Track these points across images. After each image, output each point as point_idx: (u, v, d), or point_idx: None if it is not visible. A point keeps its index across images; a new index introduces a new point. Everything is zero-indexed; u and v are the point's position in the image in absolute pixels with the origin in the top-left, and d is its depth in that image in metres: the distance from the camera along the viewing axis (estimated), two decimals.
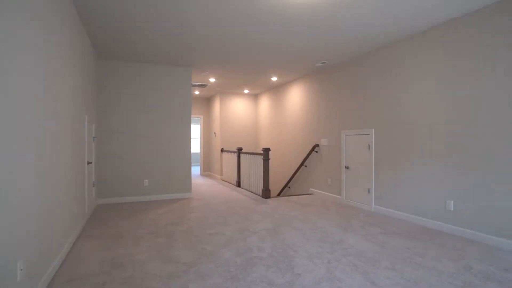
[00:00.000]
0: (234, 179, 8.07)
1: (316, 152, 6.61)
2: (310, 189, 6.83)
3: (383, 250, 3.21)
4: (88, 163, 4.40)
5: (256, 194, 6.57)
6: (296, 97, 7.48)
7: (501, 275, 2.61)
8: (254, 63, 5.95)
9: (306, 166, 6.98)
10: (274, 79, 7.44)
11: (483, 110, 3.48)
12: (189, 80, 6.34)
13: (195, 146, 14.15)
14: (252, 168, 6.94)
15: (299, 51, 5.15)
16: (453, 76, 3.81)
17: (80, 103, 3.84)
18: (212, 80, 7.52)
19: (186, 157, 6.29)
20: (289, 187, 7.72)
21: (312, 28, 4.11)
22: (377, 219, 4.50)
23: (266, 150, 6.20)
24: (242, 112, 9.77)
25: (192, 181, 8.60)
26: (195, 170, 11.97)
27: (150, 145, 5.99)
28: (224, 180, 8.92)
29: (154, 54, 5.34)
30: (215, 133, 9.90)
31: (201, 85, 8.08)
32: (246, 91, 9.32)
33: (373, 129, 5.03)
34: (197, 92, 9.35)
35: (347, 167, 5.64)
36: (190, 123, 6.34)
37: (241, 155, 7.64)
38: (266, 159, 6.17)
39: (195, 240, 3.53)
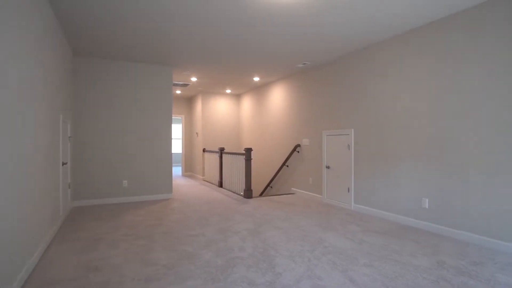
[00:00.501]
0: (216, 179, 8.02)
1: (298, 152, 6.68)
2: (292, 188, 6.89)
3: (361, 247, 3.28)
4: (63, 163, 4.23)
5: (238, 194, 6.55)
6: (278, 97, 7.52)
7: (471, 268, 2.73)
8: (236, 63, 5.93)
9: (288, 166, 7.03)
10: (256, 79, 7.45)
11: (456, 112, 3.63)
12: (170, 79, 6.24)
13: (177, 146, 13.96)
14: (234, 168, 6.92)
15: (281, 51, 5.18)
16: (430, 79, 3.95)
17: (54, 101, 3.69)
18: (194, 79, 7.43)
19: (167, 157, 6.18)
20: (271, 187, 7.76)
21: (293, 29, 4.14)
22: (357, 217, 4.60)
23: (248, 150, 6.19)
24: (224, 112, 9.72)
25: (173, 182, 8.46)
26: (177, 170, 11.80)
27: (130, 145, 5.85)
28: (206, 181, 8.84)
29: (134, 52, 5.21)
30: (197, 133, 9.80)
31: (183, 84, 7.97)
32: (228, 91, 9.28)
33: (352, 130, 5.14)
34: (178, 92, 9.22)
35: (327, 167, 5.73)
36: (171, 123, 6.24)
37: (223, 155, 7.60)
38: (248, 159, 6.17)
39: (175, 242, 3.47)
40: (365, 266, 2.77)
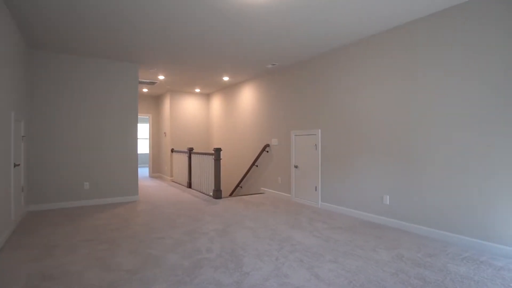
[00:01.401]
0: (185, 180, 7.86)
1: (267, 152, 6.74)
2: (262, 188, 6.93)
3: (327, 244, 3.38)
4: (15, 165, 3.92)
5: (208, 195, 6.48)
6: (248, 97, 7.54)
7: (426, 260, 2.92)
8: (204, 62, 5.85)
9: (257, 165, 7.06)
10: (225, 79, 7.40)
11: (413, 111, 3.86)
12: (136, 77, 6.02)
13: (144, 147, 13.50)
14: (204, 168, 6.82)
15: (250, 52, 5.19)
16: (389, 81, 4.16)
17: (2, 97, 3.40)
18: (161, 77, 7.23)
19: (132, 158, 5.95)
20: (241, 187, 7.75)
21: (262, 30, 4.17)
22: (323, 215, 4.73)
23: (217, 150, 6.14)
24: (194, 111, 9.56)
25: (140, 184, 8.17)
26: (144, 171, 11.40)
27: (91, 145, 5.54)
28: (174, 182, 8.64)
29: (97, 47, 4.95)
30: (165, 133, 9.54)
31: (150, 82, 7.72)
32: (197, 90, 9.14)
33: (319, 130, 5.28)
34: (145, 90, 8.92)
35: (296, 166, 5.84)
36: (136, 122, 6.01)
37: (192, 156, 7.47)
38: (217, 159, 6.11)
39: (140, 245, 3.35)
40: (330, 262, 2.86)
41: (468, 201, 3.31)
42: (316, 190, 5.34)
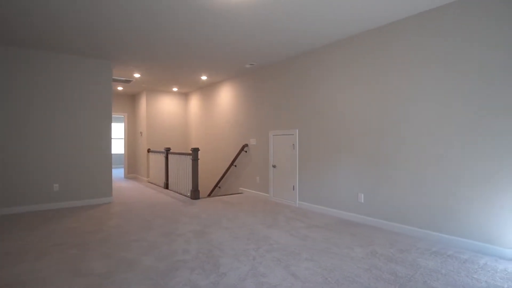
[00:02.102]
0: (161, 181, 7.69)
1: (246, 151, 6.73)
2: (240, 188, 6.92)
3: (304, 243, 3.42)
4: None
5: (185, 196, 6.38)
6: (227, 97, 7.50)
7: (398, 255, 3.03)
8: (182, 61, 5.76)
9: (236, 166, 7.04)
10: (204, 78, 7.32)
11: (385, 113, 3.99)
12: (109, 74, 5.81)
13: (119, 147, 13.10)
14: (181, 169, 6.72)
15: (228, 51, 5.16)
16: (367, 83, 4.28)
17: None
18: (137, 75, 7.03)
19: (106, 158, 5.75)
20: (219, 187, 7.70)
21: (239, 30, 4.15)
22: (301, 214, 4.79)
23: (195, 150, 6.06)
24: (171, 110, 9.38)
25: (114, 185, 7.91)
26: (119, 172, 11.05)
27: (62, 144, 5.30)
28: (151, 183, 8.44)
29: (69, 43, 4.73)
30: (141, 133, 9.29)
31: (125, 80, 7.49)
32: (175, 89, 8.98)
33: (297, 130, 5.35)
34: (120, 88, 8.64)
35: (274, 166, 5.87)
36: (110, 121, 5.81)
37: (169, 156, 7.33)
38: (195, 159, 6.03)
39: (113, 249, 3.23)
40: (307, 261, 2.90)
41: (436, 199, 3.47)
42: (294, 189, 5.40)
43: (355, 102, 4.39)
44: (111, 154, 5.85)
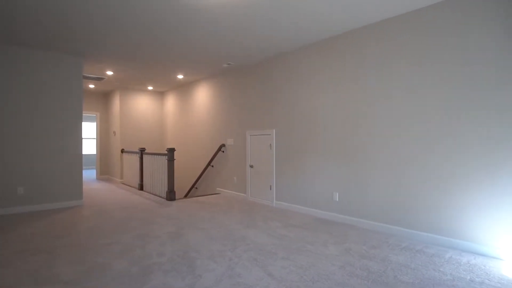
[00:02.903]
0: (136, 182, 7.47)
1: (223, 151, 6.69)
2: (217, 188, 6.87)
3: (281, 242, 3.45)
4: None
5: (161, 197, 6.23)
6: (204, 96, 7.42)
7: (371, 252, 3.12)
8: (157, 59, 5.62)
9: (213, 166, 6.98)
10: (180, 77, 7.19)
11: (358, 114, 4.11)
12: (79, 71, 5.56)
13: (90, 147, 12.59)
14: (156, 169, 6.56)
15: (204, 51, 5.10)
16: (342, 84, 4.38)
17: None
18: (109, 73, 6.78)
19: (76, 158, 5.49)
20: (196, 188, 7.59)
21: (215, 29, 4.11)
22: (278, 213, 4.83)
23: (171, 150, 5.94)
24: (146, 110, 9.14)
25: (86, 187, 7.58)
26: (90, 173, 10.61)
27: (27, 145, 5.00)
28: (125, 184, 8.17)
29: (35, 37, 4.47)
30: (114, 132, 8.98)
31: (97, 78, 7.20)
32: (150, 88, 8.76)
33: (274, 130, 5.38)
34: (92, 86, 8.30)
35: (251, 166, 5.88)
36: (81, 120, 5.57)
37: (144, 156, 7.14)
38: (171, 160, 5.91)
39: (83, 254, 3.10)
40: (283, 260, 2.92)
41: (405, 197, 3.62)
42: (271, 189, 5.43)
43: (328, 104, 4.48)
44: (82, 154, 5.61)
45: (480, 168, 3.06)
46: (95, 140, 9.87)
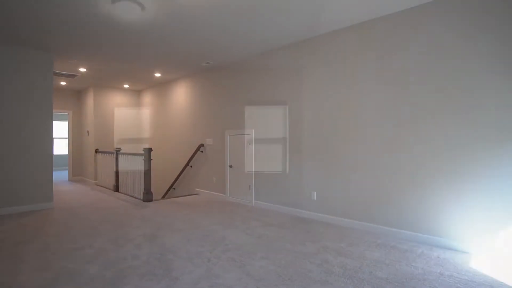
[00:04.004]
0: (111, 183, 7.21)
1: (202, 151, 6.60)
2: (196, 189, 6.77)
3: (260, 241, 3.44)
4: None
5: (137, 198, 6.05)
6: (182, 95, 7.29)
7: (347, 249, 3.18)
8: (132, 56, 5.45)
9: (191, 166, 6.87)
10: (157, 75, 7.03)
11: (335, 115, 4.18)
12: (49, 68, 5.29)
13: (62, 147, 12.03)
14: (133, 170, 6.36)
15: (181, 49, 5.00)
16: (322, 85, 4.43)
17: None
18: (82, 70, 6.50)
19: (46, 159, 5.21)
20: (174, 189, 7.44)
21: (192, 29, 4.04)
22: (257, 213, 4.82)
23: (148, 150, 5.79)
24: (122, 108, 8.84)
25: (57, 189, 7.21)
26: (62, 175, 10.13)
27: None
28: (99, 185, 7.87)
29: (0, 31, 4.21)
30: (88, 132, 8.63)
31: (69, 75, 6.88)
32: (126, 86, 8.49)
33: (253, 130, 5.37)
34: (63, 83, 7.93)
35: (230, 166, 5.83)
36: (51, 119, 5.30)
37: (120, 156, 6.90)
38: (147, 160, 5.76)
39: (51, 259, 2.94)
40: (261, 259, 2.91)
41: (379, 196, 3.72)
42: (250, 189, 5.41)
43: (306, 105, 4.53)
44: (53, 154, 5.34)
45: (447, 170, 3.20)
46: (67, 139, 9.43)
